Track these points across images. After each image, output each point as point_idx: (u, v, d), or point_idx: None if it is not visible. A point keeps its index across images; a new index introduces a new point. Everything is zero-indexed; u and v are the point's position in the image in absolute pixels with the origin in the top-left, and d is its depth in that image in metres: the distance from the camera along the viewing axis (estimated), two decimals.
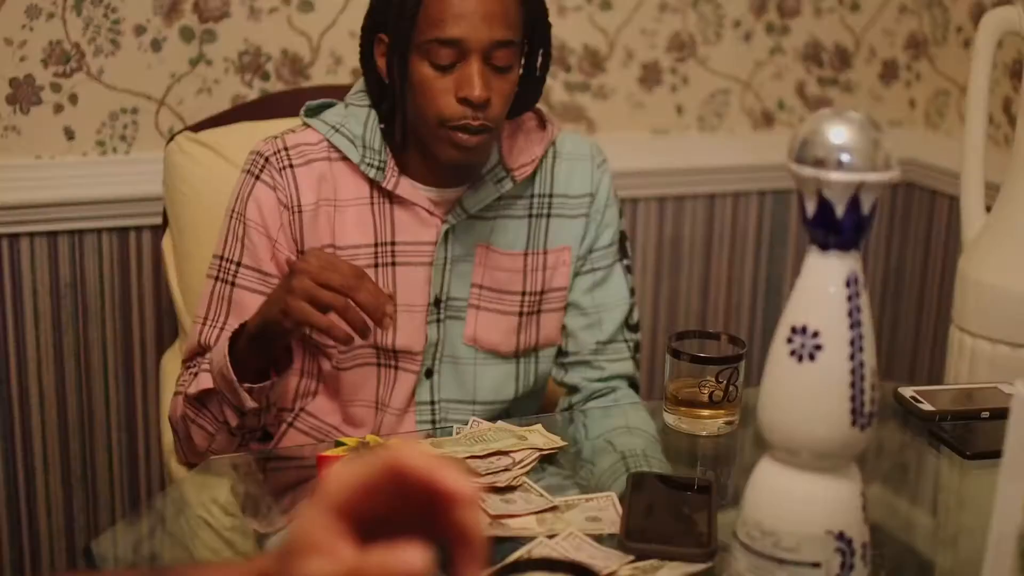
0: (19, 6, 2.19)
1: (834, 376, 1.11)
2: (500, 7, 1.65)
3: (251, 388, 1.61)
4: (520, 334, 1.83)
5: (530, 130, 1.84)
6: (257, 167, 1.75)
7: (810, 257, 1.13)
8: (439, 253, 1.78)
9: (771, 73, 2.78)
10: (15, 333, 2.31)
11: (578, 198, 1.85)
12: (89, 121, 2.29)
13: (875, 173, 1.08)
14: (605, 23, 2.61)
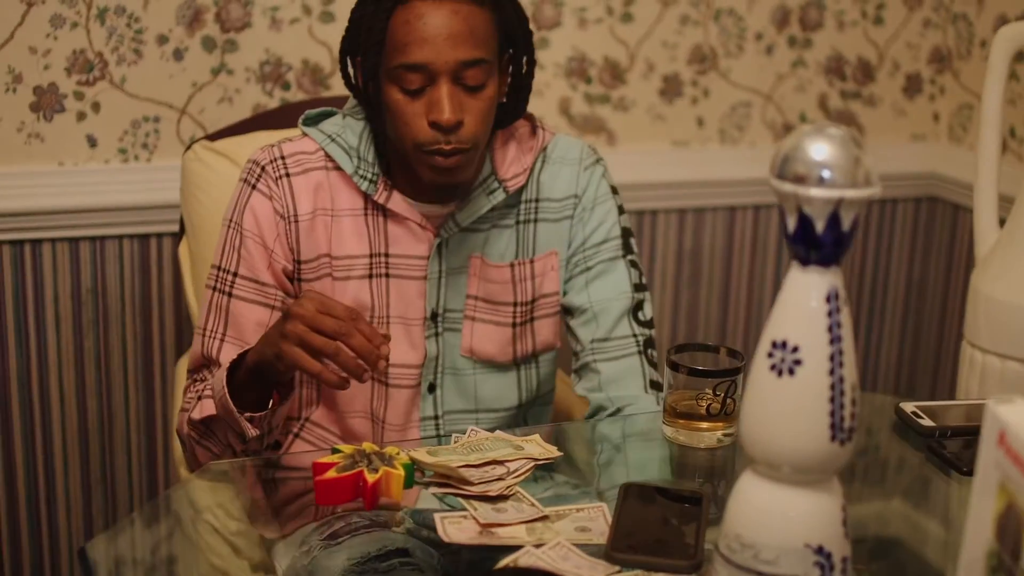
0: (44, 15, 2.23)
1: (813, 391, 1.12)
2: (465, 27, 1.64)
3: (251, 417, 1.62)
4: (516, 343, 1.84)
5: (523, 138, 1.84)
6: (254, 176, 1.77)
7: (791, 272, 1.13)
8: (432, 267, 1.79)
9: (793, 86, 2.78)
10: (37, 337, 2.34)
11: (562, 201, 1.84)
12: (111, 129, 2.32)
13: (855, 190, 1.08)
14: (626, 35, 2.62)
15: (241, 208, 1.76)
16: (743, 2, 2.68)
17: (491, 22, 1.68)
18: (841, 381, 1.12)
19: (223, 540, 1.53)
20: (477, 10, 1.65)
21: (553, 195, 1.84)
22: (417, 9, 1.63)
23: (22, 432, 2.37)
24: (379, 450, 1.45)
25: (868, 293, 2.96)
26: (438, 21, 1.63)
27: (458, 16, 1.63)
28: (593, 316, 1.84)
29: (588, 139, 2.64)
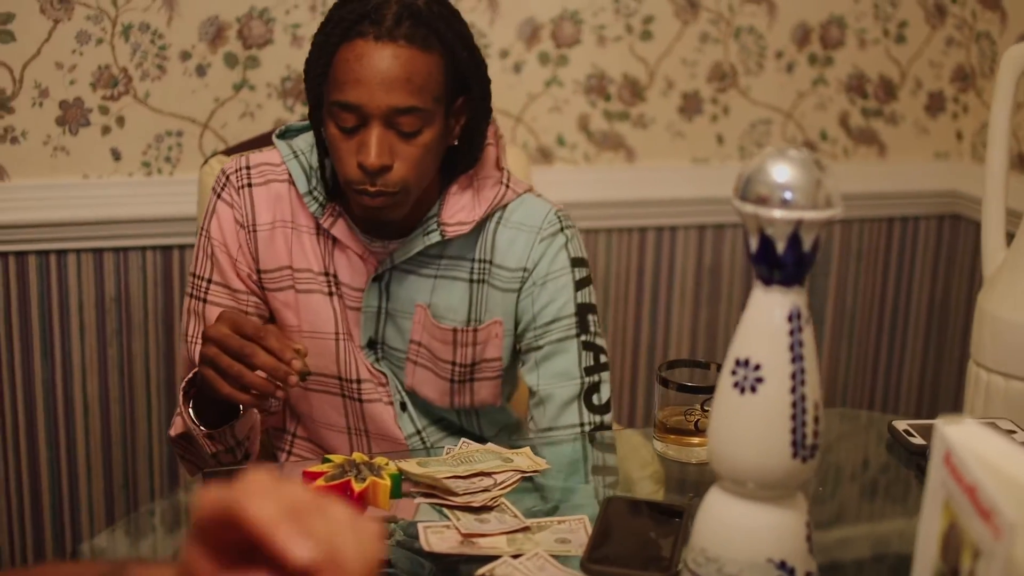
0: (70, 31, 2.28)
1: (775, 408, 1.14)
2: (403, 73, 1.62)
3: (211, 434, 1.62)
4: (454, 396, 1.84)
5: (483, 188, 1.80)
6: (219, 185, 1.80)
7: (754, 292, 1.16)
8: (368, 301, 1.79)
9: (814, 104, 2.79)
10: (62, 345, 2.40)
11: (512, 271, 1.79)
12: (135, 143, 2.38)
13: (814, 211, 1.11)
14: (645, 53, 2.65)
15: (209, 216, 1.80)
16: (763, 20, 2.70)
17: (438, 67, 1.66)
18: (803, 399, 1.14)
19: None
20: (421, 55, 1.64)
21: (505, 263, 1.79)
22: (358, 49, 1.63)
23: (47, 437, 2.43)
24: (369, 460, 1.48)
25: (890, 311, 2.96)
26: (376, 64, 1.62)
27: (397, 61, 1.62)
28: (541, 401, 1.79)
29: (607, 156, 2.67)
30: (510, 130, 2.59)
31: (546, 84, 2.60)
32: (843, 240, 2.88)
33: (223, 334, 1.52)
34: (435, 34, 1.65)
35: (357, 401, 1.83)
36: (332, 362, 1.81)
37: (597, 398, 1.80)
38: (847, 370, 2.97)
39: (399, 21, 1.63)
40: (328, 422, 1.86)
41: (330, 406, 1.84)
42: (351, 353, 1.81)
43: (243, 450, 1.68)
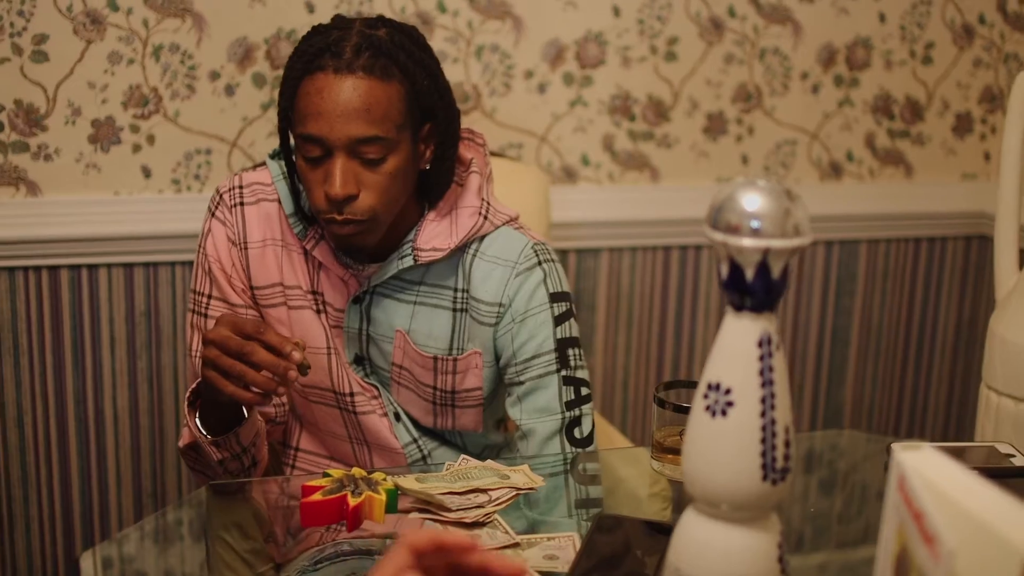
0: (102, 52, 2.35)
1: (745, 432, 1.16)
2: (362, 103, 1.65)
3: (216, 441, 1.67)
4: (436, 417, 1.87)
5: (461, 217, 1.83)
6: (214, 204, 1.87)
7: (726, 317, 1.18)
8: (350, 321, 1.84)
9: (839, 125, 2.80)
10: (92, 357, 2.46)
11: (488, 305, 1.81)
12: (165, 160, 2.43)
13: (782, 240, 1.13)
14: (670, 74, 2.67)
15: (205, 234, 1.86)
16: (788, 42, 2.72)
17: (399, 96, 1.70)
18: (772, 423, 1.16)
19: (236, 557, 1.61)
20: (381, 85, 1.67)
21: (481, 296, 1.81)
22: (318, 83, 1.67)
23: (78, 448, 2.49)
24: (367, 475, 1.51)
25: (916, 332, 2.96)
26: (336, 96, 1.65)
27: (356, 92, 1.66)
28: (524, 435, 1.81)
29: (631, 176, 2.70)
30: (534, 150, 2.63)
31: (571, 104, 2.63)
32: (869, 261, 2.88)
33: (223, 335, 1.56)
34: (395, 64, 1.69)
35: (352, 413, 1.87)
36: (326, 376, 1.86)
37: (579, 431, 1.82)
38: (872, 391, 2.97)
39: (358, 53, 1.68)
40: (332, 432, 1.91)
41: (330, 417, 1.89)
42: (342, 368, 1.86)
43: (249, 457, 1.72)
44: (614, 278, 2.73)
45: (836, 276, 2.87)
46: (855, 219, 2.83)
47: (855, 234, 2.85)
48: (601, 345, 2.76)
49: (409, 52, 1.71)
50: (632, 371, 2.79)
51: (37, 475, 2.48)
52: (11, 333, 2.41)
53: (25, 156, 2.36)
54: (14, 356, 2.42)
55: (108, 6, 2.33)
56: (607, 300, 2.74)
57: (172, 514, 1.70)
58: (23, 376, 2.43)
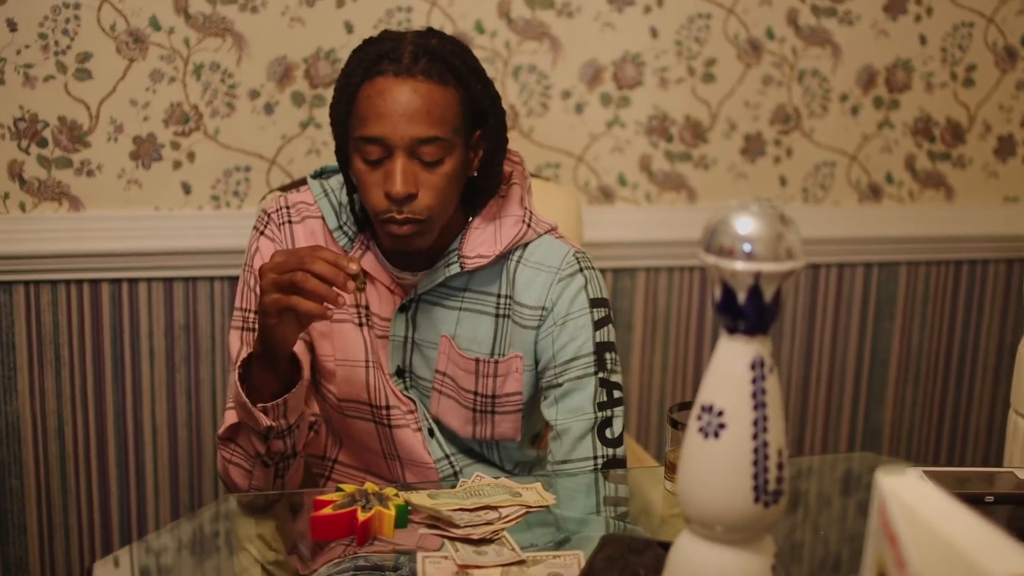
0: (144, 70, 2.39)
1: (737, 454, 1.17)
2: (423, 105, 1.72)
3: (265, 407, 1.70)
4: (475, 426, 1.90)
5: (505, 225, 1.88)
6: (262, 223, 1.91)
7: (720, 340, 1.19)
8: (396, 330, 1.88)
9: (879, 147, 2.79)
10: (132, 371, 2.50)
11: (532, 309, 1.86)
12: (205, 177, 2.48)
13: (774, 263, 1.14)
14: (707, 95, 2.68)
15: (252, 253, 1.90)
16: (828, 63, 2.71)
17: (455, 100, 1.76)
18: (765, 445, 1.17)
19: (261, 569, 1.63)
20: (439, 89, 1.74)
21: (525, 300, 1.86)
22: (379, 85, 1.73)
23: (116, 459, 2.53)
24: (379, 490, 1.53)
25: (957, 357, 2.94)
26: (397, 98, 1.72)
27: (417, 94, 1.72)
28: (558, 435, 1.85)
29: (668, 196, 2.70)
30: (571, 169, 2.64)
31: (608, 125, 2.64)
32: (909, 284, 2.87)
33: (277, 260, 1.63)
34: (450, 70, 1.76)
35: (387, 427, 1.90)
36: (363, 389, 1.89)
37: (610, 432, 1.86)
38: (912, 416, 2.95)
39: (416, 58, 1.74)
40: (366, 446, 1.94)
41: (365, 431, 1.92)
42: (380, 381, 1.89)
43: (291, 443, 1.74)
44: (651, 298, 2.74)
45: (875, 298, 2.86)
46: (895, 241, 2.82)
47: (895, 256, 2.84)
48: (637, 364, 2.76)
49: (463, 59, 1.78)
50: (668, 391, 2.79)
51: (76, 485, 2.53)
52: (53, 345, 2.46)
53: (68, 172, 2.41)
54: (55, 368, 2.47)
55: (150, 25, 2.38)
56: (644, 320, 2.74)
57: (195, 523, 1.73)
58: (64, 388, 2.48)
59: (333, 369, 1.90)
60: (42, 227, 2.41)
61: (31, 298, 2.43)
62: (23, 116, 2.36)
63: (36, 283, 2.43)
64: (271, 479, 1.78)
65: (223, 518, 1.77)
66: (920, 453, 2.98)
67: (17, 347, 2.45)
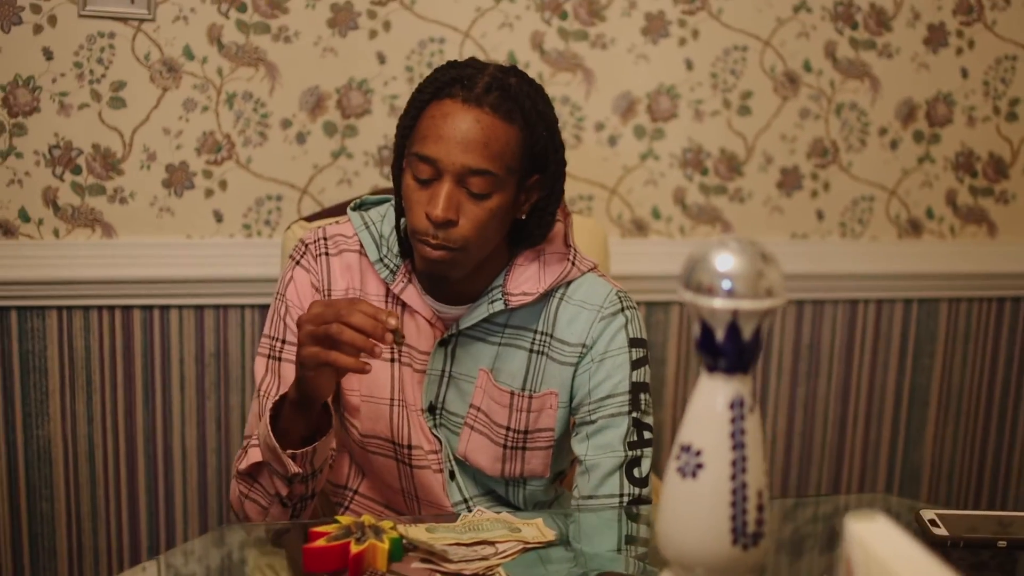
0: (177, 99, 2.42)
1: (715, 495, 1.15)
2: (481, 136, 1.70)
3: (294, 454, 1.70)
4: (505, 463, 1.88)
5: (549, 263, 1.86)
6: (299, 253, 1.90)
7: (700, 377, 1.17)
8: (434, 364, 1.86)
9: (919, 181, 2.75)
10: (163, 396, 2.52)
11: (572, 346, 1.85)
12: (237, 206, 2.49)
13: (753, 301, 1.12)
14: (743, 128, 2.65)
15: (286, 282, 1.89)
16: (866, 97, 2.68)
17: (516, 140, 1.74)
18: (744, 487, 1.15)
19: None
20: (502, 125, 1.72)
21: (566, 338, 1.85)
22: (445, 107, 1.72)
23: (146, 484, 2.55)
24: (376, 523, 1.53)
25: (1000, 394, 2.88)
26: (458, 124, 1.70)
27: (479, 125, 1.70)
28: (586, 470, 1.83)
29: (703, 230, 2.68)
30: (605, 202, 2.63)
31: (641, 157, 2.63)
32: (950, 320, 2.82)
33: (317, 311, 1.62)
34: (519, 109, 1.74)
35: (408, 466, 1.89)
36: (387, 427, 1.88)
37: (638, 471, 1.83)
38: (952, 457, 2.90)
39: (488, 90, 1.73)
40: (386, 482, 1.93)
41: (386, 468, 1.91)
42: (404, 419, 1.87)
43: (313, 485, 1.74)
44: (684, 332, 2.71)
45: (915, 335, 2.81)
46: (935, 277, 2.77)
47: (935, 293, 2.79)
48: (671, 399, 2.74)
49: (534, 102, 1.76)
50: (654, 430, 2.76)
51: (106, 509, 2.54)
52: (84, 370, 2.48)
53: (102, 199, 2.43)
54: (87, 392, 2.49)
55: (184, 54, 2.40)
56: (677, 354, 2.72)
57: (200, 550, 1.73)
58: (95, 412, 2.50)
59: (358, 404, 1.90)
60: (75, 253, 2.44)
61: (63, 323, 2.46)
62: (58, 143, 2.40)
63: (69, 308, 2.46)
64: (287, 517, 1.78)
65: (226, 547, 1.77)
66: (961, 494, 2.92)
67: (49, 371, 2.47)
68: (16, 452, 2.49)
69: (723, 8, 2.60)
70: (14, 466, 2.50)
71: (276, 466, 1.72)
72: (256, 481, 1.79)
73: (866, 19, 2.66)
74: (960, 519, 1.67)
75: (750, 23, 2.62)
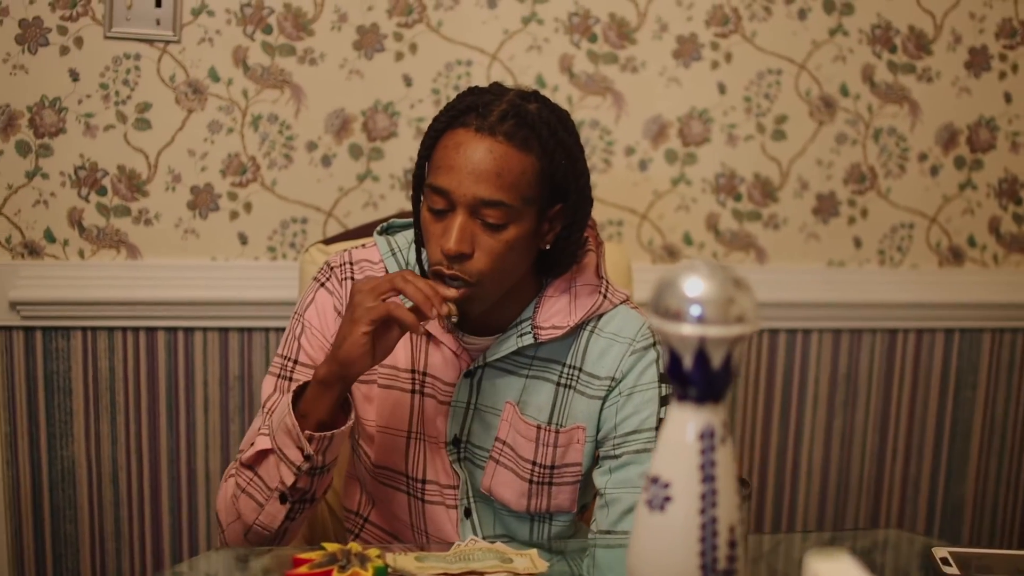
0: (202, 121, 2.42)
1: (683, 530, 1.11)
2: (494, 166, 1.65)
3: (311, 436, 1.66)
4: (531, 499, 1.82)
5: (580, 295, 1.81)
6: (324, 276, 1.86)
7: (671, 406, 1.13)
8: (459, 396, 1.81)
9: (961, 208, 2.68)
10: (186, 419, 2.51)
11: (601, 380, 1.79)
12: (261, 228, 2.48)
13: (721, 327, 1.08)
14: (777, 153, 2.60)
15: (307, 302, 1.85)
16: (905, 122, 2.62)
17: (533, 170, 1.68)
18: (714, 521, 1.11)
19: None
20: (517, 154, 1.66)
21: (596, 371, 1.79)
22: (458, 137, 1.67)
23: (169, 506, 2.54)
24: (362, 551, 1.49)
25: None
26: (470, 155, 1.65)
27: (491, 155, 1.65)
28: (606, 504, 1.77)
29: (736, 256, 2.63)
30: (635, 227, 2.59)
31: (673, 182, 2.59)
32: (993, 351, 2.74)
33: (372, 281, 1.66)
34: (536, 137, 1.68)
35: (420, 500, 1.85)
36: (401, 459, 1.84)
37: None
38: (996, 492, 2.81)
39: (503, 118, 1.67)
40: (396, 515, 1.89)
41: (396, 501, 1.87)
42: (421, 452, 1.83)
43: (316, 485, 1.70)
44: None
45: (956, 366, 2.74)
46: (978, 307, 2.70)
47: (978, 323, 2.72)
48: None
49: (553, 130, 1.70)
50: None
51: (130, 532, 2.54)
52: (109, 391, 2.48)
53: (127, 220, 2.44)
54: (111, 413, 2.49)
55: (209, 76, 2.40)
56: None
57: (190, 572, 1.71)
58: (119, 433, 2.50)
59: (373, 434, 1.86)
60: (100, 274, 2.44)
61: (88, 344, 2.46)
62: (83, 164, 2.40)
63: (93, 329, 2.46)
64: (280, 520, 1.72)
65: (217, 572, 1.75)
66: (1005, 531, 2.83)
67: (74, 392, 2.47)
68: (40, 473, 2.50)
69: (757, 31, 2.55)
70: (39, 487, 2.50)
71: (287, 452, 1.67)
72: (257, 474, 1.73)
73: (905, 42, 2.60)
74: (973, 557, 1.60)
75: (784, 46, 2.57)
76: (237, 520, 1.76)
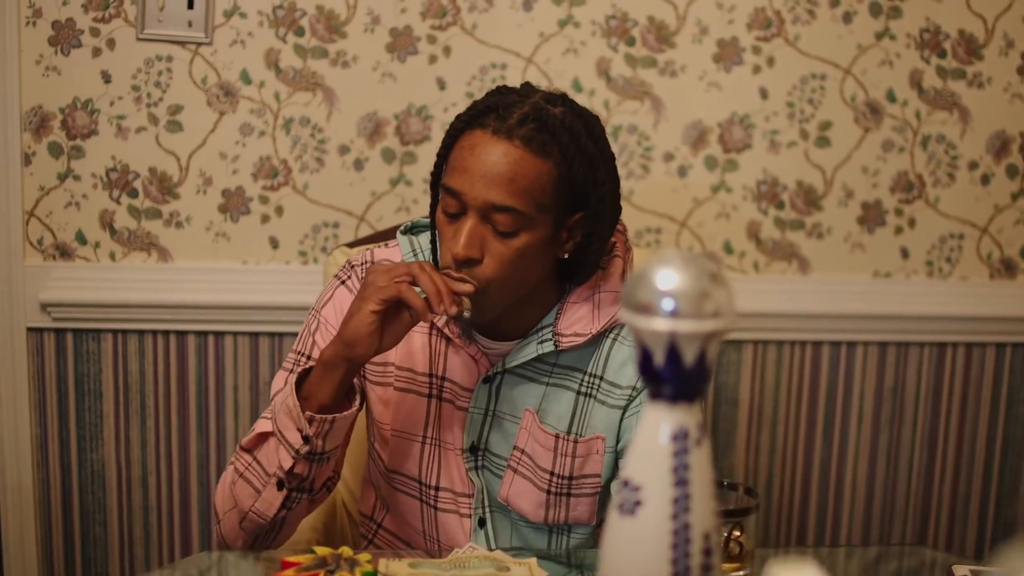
0: (234, 124, 2.40)
1: (655, 535, 1.05)
2: (508, 171, 1.60)
3: (311, 417, 1.62)
4: (549, 510, 1.77)
5: (602, 304, 1.75)
6: (345, 274, 1.82)
7: (644, 406, 1.08)
8: (477, 402, 1.76)
9: (1013, 219, 2.59)
10: (216, 423, 2.49)
11: (622, 389, 1.74)
12: (293, 232, 2.46)
13: (694, 321, 1.02)
14: (821, 160, 2.53)
15: (326, 299, 1.82)
16: (955, 129, 2.54)
17: (549, 176, 1.63)
18: (686, 527, 1.05)
19: None
20: (533, 160, 1.61)
21: (617, 380, 1.75)
22: (475, 138, 1.63)
23: (199, 511, 2.52)
24: (353, 555, 1.46)
25: None
26: (485, 157, 1.61)
27: (506, 159, 1.60)
28: None
29: (778, 266, 2.56)
30: (674, 235, 2.53)
31: (713, 189, 2.53)
32: None
33: (380, 268, 1.63)
34: (556, 143, 1.63)
35: (432, 508, 1.81)
36: (415, 465, 1.80)
37: None
38: None
39: (523, 121, 1.62)
40: (408, 521, 1.85)
41: (409, 507, 1.84)
42: (435, 458, 1.79)
43: (316, 471, 1.66)
44: (758, 372, 2.59)
45: (1008, 382, 2.64)
46: None
47: None
48: (743, 443, 2.62)
49: (575, 136, 1.64)
50: (776, 473, 2.63)
51: (159, 536, 2.52)
52: (139, 394, 2.47)
53: (158, 223, 2.43)
54: (140, 417, 2.48)
55: (241, 79, 2.39)
56: (750, 395, 2.60)
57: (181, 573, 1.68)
58: (149, 437, 2.49)
59: (388, 438, 1.83)
60: (131, 277, 2.44)
61: (118, 347, 2.45)
62: (115, 167, 2.40)
63: (124, 332, 2.45)
64: (276, 507, 1.67)
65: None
66: None
67: (104, 395, 2.47)
68: (71, 476, 2.49)
69: (800, 34, 2.49)
70: (68, 490, 2.50)
71: (287, 434, 1.64)
72: (256, 458, 1.69)
73: (955, 47, 2.52)
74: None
75: (829, 50, 2.50)
76: (233, 508, 1.72)
